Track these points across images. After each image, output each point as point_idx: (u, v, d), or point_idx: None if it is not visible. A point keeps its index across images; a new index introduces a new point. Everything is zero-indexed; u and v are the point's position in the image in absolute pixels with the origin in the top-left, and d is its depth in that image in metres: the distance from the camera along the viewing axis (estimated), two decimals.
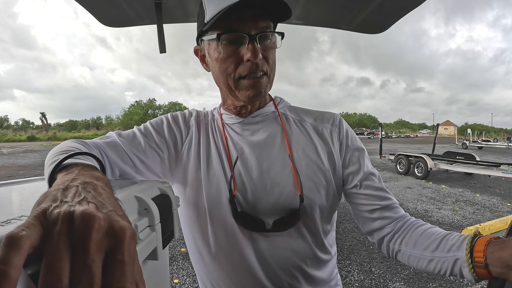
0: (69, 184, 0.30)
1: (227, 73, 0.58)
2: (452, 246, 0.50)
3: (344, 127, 0.66)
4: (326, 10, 0.92)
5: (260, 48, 0.55)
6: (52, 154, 0.46)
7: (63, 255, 0.22)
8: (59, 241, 0.23)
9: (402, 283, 2.46)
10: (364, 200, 0.63)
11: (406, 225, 0.60)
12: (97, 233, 0.24)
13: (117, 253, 0.24)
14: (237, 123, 0.66)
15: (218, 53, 0.57)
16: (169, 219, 0.58)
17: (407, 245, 0.57)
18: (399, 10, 0.87)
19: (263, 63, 0.57)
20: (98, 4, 0.85)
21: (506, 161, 6.91)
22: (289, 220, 0.58)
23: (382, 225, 0.62)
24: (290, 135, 0.64)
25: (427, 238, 0.55)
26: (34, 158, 13.72)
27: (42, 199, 0.28)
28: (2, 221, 0.31)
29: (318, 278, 0.64)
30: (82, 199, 0.27)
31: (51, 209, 0.25)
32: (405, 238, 0.58)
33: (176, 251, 3.08)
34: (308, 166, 0.61)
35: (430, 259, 0.53)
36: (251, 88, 0.57)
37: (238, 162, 0.61)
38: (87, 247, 0.23)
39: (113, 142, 0.60)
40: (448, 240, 0.51)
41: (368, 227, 0.64)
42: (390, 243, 0.61)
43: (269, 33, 0.56)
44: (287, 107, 0.70)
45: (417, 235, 0.56)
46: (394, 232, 0.60)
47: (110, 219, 0.25)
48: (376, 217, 0.62)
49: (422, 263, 0.55)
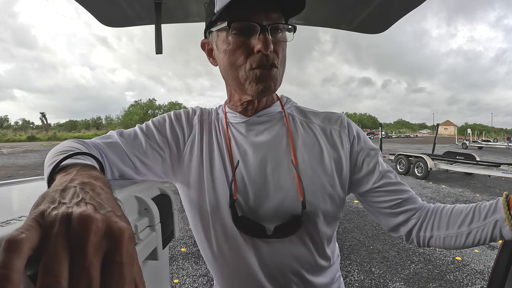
0: (67, 185, 0.30)
1: (236, 65, 0.55)
2: (487, 212, 0.53)
3: (353, 128, 0.65)
4: (326, 10, 0.92)
5: (271, 41, 0.53)
6: (51, 155, 0.46)
7: (61, 256, 0.22)
8: (57, 242, 0.23)
9: (402, 283, 2.46)
10: (383, 198, 0.61)
11: (430, 211, 0.61)
12: (95, 235, 0.23)
13: (115, 255, 0.24)
14: (241, 123, 0.63)
15: (227, 44, 0.55)
16: (169, 219, 0.58)
17: (440, 229, 0.58)
18: (399, 10, 0.87)
19: (273, 56, 0.54)
20: (98, 4, 0.85)
21: (506, 161, 6.91)
22: (291, 227, 0.56)
23: (407, 217, 0.61)
24: (295, 137, 0.62)
25: (458, 216, 0.56)
26: (34, 158, 13.72)
27: (40, 200, 0.28)
28: (2, 222, 0.31)
29: (319, 283, 0.63)
30: (80, 200, 0.27)
31: (49, 211, 0.25)
32: (435, 223, 0.59)
33: (176, 251, 3.08)
34: (313, 170, 0.59)
35: (468, 233, 0.55)
36: (261, 81, 0.55)
37: (240, 165, 0.60)
38: (85, 249, 0.23)
39: (113, 142, 0.59)
40: (481, 209, 0.54)
41: (391, 222, 0.63)
42: (420, 232, 0.61)
43: (281, 26, 0.54)
44: (294, 107, 0.68)
45: (446, 217, 0.58)
46: (421, 221, 0.60)
47: (108, 220, 0.25)
48: (399, 211, 0.61)
49: (460, 240, 0.56)
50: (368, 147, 0.63)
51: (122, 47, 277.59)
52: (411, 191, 0.63)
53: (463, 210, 0.56)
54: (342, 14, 0.93)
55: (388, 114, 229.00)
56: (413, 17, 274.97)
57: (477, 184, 6.83)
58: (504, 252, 0.86)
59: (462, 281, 2.50)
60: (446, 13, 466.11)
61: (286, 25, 0.56)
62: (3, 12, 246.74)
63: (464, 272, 2.65)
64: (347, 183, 0.62)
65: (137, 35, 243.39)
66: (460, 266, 2.77)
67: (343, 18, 0.95)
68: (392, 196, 0.61)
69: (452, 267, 2.74)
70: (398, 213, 0.61)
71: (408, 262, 2.85)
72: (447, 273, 2.63)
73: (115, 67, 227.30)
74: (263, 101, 0.63)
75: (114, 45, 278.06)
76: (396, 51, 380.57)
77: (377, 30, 1.01)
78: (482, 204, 0.55)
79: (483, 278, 2.55)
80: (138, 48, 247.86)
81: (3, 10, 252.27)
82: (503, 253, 0.86)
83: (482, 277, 2.58)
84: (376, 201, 0.62)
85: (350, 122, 0.65)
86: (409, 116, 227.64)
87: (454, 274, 2.61)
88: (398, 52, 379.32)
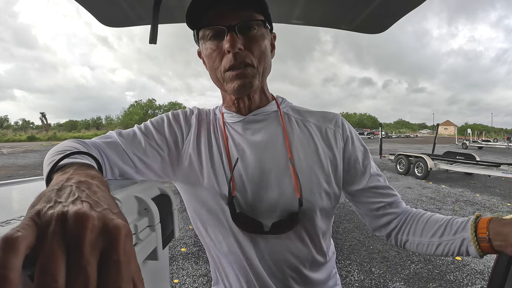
0: (64, 184, 0.30)
1: (214, 68, 0.58)
2: (457, 228, 0.56)
3: (347, 128, 0.66)
4: (326, 10, 0.92)
5: (242, 39, 0.54)
6: (50, 155, 0.46)
7: (58, 255, 0.22)
8: (53, 241, 0.22)
9: (402, 283, 2.46)
10: (370, 199, 0.65)
11: (410, 216, 0.65)
12: (91, 232, 0.23)
13: (112, 253, 0.23)
14: (238, 122, 0.65)
15: (206, 50, 0.58)
16: (169, 219, 0.58)
17: (415, 235, 0.62)
18: (399, 10, 0.87)
19: (246, 54, 0.55)
20: (98, 4, 0.85)
21: (506, 161, 6.91)
22: (288, 223, 0.57)
23: (389, 220, 0.65)
24: (291, 136, 0.63)
25: (432, 226, 0.60)
26: (34, 158, 13.72)
27: (37, 200, 0.28)
28: (2, 222, 0.31)
29: (317, 279, 0.64)
30: (76, 198, 0.27)
31: (45, 210, 0.25)
32: (411, 229, 0.63)
33: (176, 251, 3.08)
34: (310, 168, 0.60)
35: (438, 244, 0.58)
36: (235, 80, 0.57)
37: (238, 163, 0.61)
38: (81, 248, 0.22)
39: (113, 142, 0.60)
40: (453, 224, 0.58)
41: (375, 223, 0.67)
42: (398, 235, 0.65)
43: (250, 23, 0.55)
44: (289, 107, 0.69)
45: (422, 224, 0.62)
46: (401, 225, 0.65)
47: (104, 217, 0.25)
48: (383, 213, 0.65)
49: (430, 249, 0.60)
50: (361, 148, 0.66)
51: (122, 47, 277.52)
52: (397, 195, 0.67)
53: (438, 221, 0.60)
54: (342, 14, 0.93)
55: (388, 114, 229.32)
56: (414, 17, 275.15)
57: (477, 184, 6.83)
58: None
59: (462, 281, 2.49)
60: (447, 13, 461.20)
61: (256, 21, 0.56)
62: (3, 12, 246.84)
63: (464, 272, 2.64)
64: (341, 180, 0.64)
65: (137, 34, 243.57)
66: (460, 266, 2.77)
67: (343, 18, 0.95)
68: (378, 199, 0.65)
69: (452, 267, 2.74)
70: (381, 215, 0.65)
71: (408, 262, 2.85)
72: (447, 273, 2.63)
73: (115, 67, 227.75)
74: (255, 99, 0.65)
75: (115, 45, 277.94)
76: (397, 51, 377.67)
77: (377, 30, 1.01)
78: (455, 220, 0.58)
79: (483, 278, 2.55)
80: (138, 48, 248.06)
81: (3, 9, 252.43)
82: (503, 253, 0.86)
83: (482, 277, 2.58)
84: (363, 201, 0.66)
85: (344, 122, 0.67)
86: (409, 116, 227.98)
87: (454, 274, 2.61)
88: (399, 52, 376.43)
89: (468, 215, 4.32)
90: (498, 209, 4.72)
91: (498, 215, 0.55)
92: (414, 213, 0.65)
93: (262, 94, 0.66)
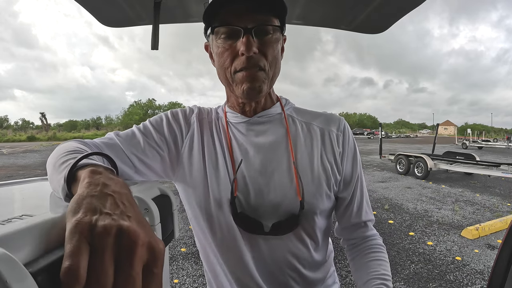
0: (102, 192, 0.31)
1: (224, 67, 0.57)
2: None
3: (348, 134, 0.66)
4: (326, 10, 0.92)
5: (257, 42, 0.54)
6: (60, 154, 0.45)
7: (109, 267, 0.25)
8: (106, 254, 0.25)
9: (402, 283, 2.46)
10: (347, 211, 0.67)
11: (361, 247, 0.68)
12: (142, 248, 0.26)
13: (154, 267, 0.27)
14: (242, 123, 0.64)
15: (217, 48, 0.57)
16: (169, 219, 0.58)
17: (354, 265, 0.68)
18: (399, 10, 0.88)
19: (259, 58, 0.55)
20: (98, 4, 0.85)
21: (506, 161, 6.91)
22: (288, 225, 0.58)
23: (351, 237, 0.70)
24: (295, 138, 0.63)
25: (363, 272, 0.63)
26: (34, 158, 13.72)
27: (77, 207, 0.28)
28: (3, 220, 0.31)
29: (315, 278, 0.65)
30: (121, 212, 0.29)
31: (94, 221, 0.26)
32: (355, 258, 0.68)
33: (176, 251, 3.08)
34: (312, 171, 0.60)
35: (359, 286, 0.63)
36: (245, 82, 0.56)
37: (242, 164, 0.61)
38: (133, 261, 0.25)
39: (111, 142, 0.59)
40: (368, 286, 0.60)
41: (340, 232, 0.73)
42: (348, 252, 0.71)
43: (267, 27, 0.55)
44: (293, 109, 0.69)
45: (359, 263, 0.66)
46: (354, 247, 0.70)
47: (149, 235, 0.28)
48: (352, 229, 0.69)
49: (357, 284, 0.64)
50: (357, 160, 0.67)
51: (123, 46, 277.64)
52: (372, 219, 0.70)
53: (368, 273, 0.62)
54: (342, 14, 0.93)
55: (388, 114, 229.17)
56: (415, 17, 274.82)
57: (477, 184, 6.83)
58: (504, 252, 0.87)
59: (462, 281, 2.50)
60: (449, 13, 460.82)
61: (273, 26, 0.55)
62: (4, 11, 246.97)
63: (464, 272, 2.65)
64: (340, 182, 0.65)
65: (138, 34, 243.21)
66: (460, 266, 2.77)
67: (343, 18, 0.95)
68: (354, 214, 0.67)
69: (452, 267, 2.74)
70: (350, 229, 0.70)
71: (408, 262, 2.85)
72: (447, 273, 2.63)
73: (115, 66, 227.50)
74: (261, 101, 0.64)
75: (116, 44, 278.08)
76: (398, 51, 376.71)
77: (377, 30, 1.01)
78: (373, 283, 0.60)
79: (483, 278, 2.55)
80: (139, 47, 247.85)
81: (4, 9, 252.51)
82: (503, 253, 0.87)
83: (482, 277, 2.58)
84: (341, 208, 0.68)
85: (346, 127, 0.67)
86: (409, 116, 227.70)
87: (454, 274, 2.62)
88: (400, 52, 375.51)
89: (468, 215, 4.31)
90: (498, 209, 4.72)
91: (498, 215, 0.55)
92: (366, 247, 0.67)
93: (267, 96, 0.65)
